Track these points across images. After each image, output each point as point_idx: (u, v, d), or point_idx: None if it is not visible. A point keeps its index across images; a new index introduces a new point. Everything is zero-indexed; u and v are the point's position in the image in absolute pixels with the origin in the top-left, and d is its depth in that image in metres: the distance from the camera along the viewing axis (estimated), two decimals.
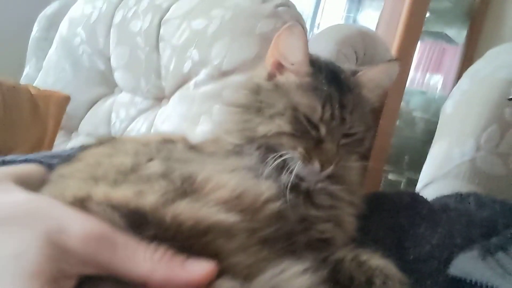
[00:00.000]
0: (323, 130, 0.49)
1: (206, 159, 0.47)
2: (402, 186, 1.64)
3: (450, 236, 0.51)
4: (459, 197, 0.60)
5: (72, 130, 1.38)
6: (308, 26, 2.27)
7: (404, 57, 1.38)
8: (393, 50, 1.38)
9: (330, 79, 0.51)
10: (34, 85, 1.43)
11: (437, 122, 1.79)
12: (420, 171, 1.77)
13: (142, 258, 0.31)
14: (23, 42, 1.55)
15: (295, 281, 0.34)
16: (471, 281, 0.44)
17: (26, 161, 0.48)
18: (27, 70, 1.53)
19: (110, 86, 1.35)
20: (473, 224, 0.53)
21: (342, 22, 2.39)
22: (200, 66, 1.06)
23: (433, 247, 0.51)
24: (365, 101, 0.54)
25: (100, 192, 0.35)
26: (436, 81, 2.30)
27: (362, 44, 0.93)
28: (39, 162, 0.48)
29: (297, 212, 0.46)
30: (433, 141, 0.74)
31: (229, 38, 1.01)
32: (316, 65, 0.52)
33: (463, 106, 0.69)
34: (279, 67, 0.53)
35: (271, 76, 0.53)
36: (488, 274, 0.44)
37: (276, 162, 0.47)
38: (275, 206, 0.41)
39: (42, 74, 1.45)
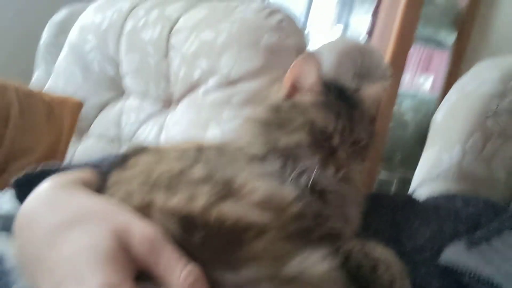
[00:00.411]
0: (336, 140, 0.58)
1: (238, 164, 0.55)
2: (394, 184, 1.73)
3: (441, 231, 0.60)
4: (447, 198, 0.69)
5: (82, 132, 1.44)
6: None
7: (398, 63, 1.48)
8: (387, 55, 1.47)
9: (339, 97, 0.60)
10: (45, 89, 1.50)
11: (427, 124, 1.88)
12: (411, 170, 1.87)
13: (178, 274, 0.38)
14: (32, 48, 1.62)
15: (318, 265, 0.42)
16: (458, 269, 0.52)
17: (78, 167, 0.56)
18: (37, 74, 1.59)
19: (119, 91, 1.42)
20: (460, 220, 0.62)
21: (333, 24, 2.44)
22: (209, 74, 1.13)
23: (426, 240, 0.59)
24: (367, 113, 0.63)
25: (160, 199, 0.43)
26: (426, 83, 2.39)
27: (360, 58, 1.01)
28: (92, 167, 0.56)
29: (313, 210, 0.54)
30: (425, 147, 0.83)
31: (236, 49, 1.09)
32: (327, 85, 0.61)
33: (451, 116, 0.78)
34: (295, 89, 0.61)
35: (288, 97, 0.61)
36: (472, 263, 0.53)
37: (298, 170, 0.55)
38: (297, 206, 0.49)
39: (53, 78, 1.51)
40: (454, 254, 0.55)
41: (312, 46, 1.16)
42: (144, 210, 0.43)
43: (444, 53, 2.13)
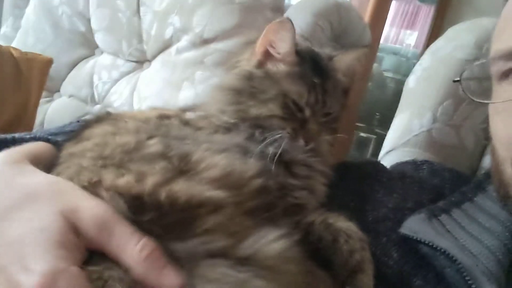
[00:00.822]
0: (307, 112, 0.57)
1: (199, 136, 0.53)
2: (372, 143, 1.74)
3: (404, 201, 0.60)
4: (415, 165, 0.69)
5: (53, 91, 1.40)
6: None
7: (378, 18, 1.44)
8: (368, 9, 1.43)
9: (313, 67, 0.59)
10: (12, 45, 1.43)
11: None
12: (389, 128, 1.87)
13: (131, 250, 0.37)
14: None
15: (272, 245, 0.42)
16: (416, 238, 0.53)
17: (34, 138, 0.54)
18: (3, 29, 1.52)
19: (91, 47, 1.37)
20: (424, 191, 0.62)
21: None
22: (182, 32, 1.09)
23: (389, 210, 0.59)
24: (340, 83, 0.62)
25: (109, 178, 0.42)
26: (409, 39, 2.36)
27: (338, 16, 0.98)
28: (47, 140, 0.54)
29: (277, 180, 0.54)
30: (397, 112, 0.82)
31: (210, 6, 1.04)
32: (301, 55, 0.59)
33: (423, 82, 0.77)
34: (268, 56, 0.59)
35: (261, 64, 0.60)
36: (431, 233, 0.53)
37: (268, 140, 0.54)
38: (258, 182, 0.48)
39: (21, 34, 1.44)
40: (415, 224, 0.55)
41: (288, 4, 1.12)
42: (92, 188, 0.41)
43: (429, 8, 2.09)
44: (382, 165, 0.68)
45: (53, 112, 1.36)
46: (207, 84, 1.03)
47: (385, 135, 1.86)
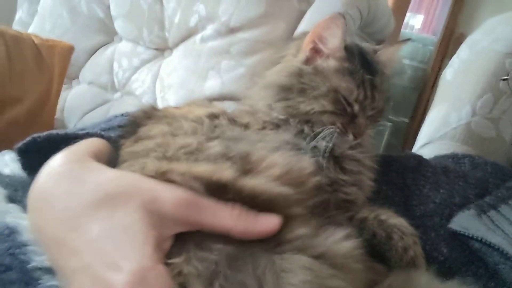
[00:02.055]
0: (356, 108, 0.58)
1: (250, 135, 0.54)
2: (387, 130, 1.74)
3: (450, 196, 0.61)
4: (456, 158, 0.69)
5: (72, 78, 1.39)
6: None
7: (401, 3, 1.43)
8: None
9: (362, 63, 0.59)
10: (29, 31, 1.42)
11: (423, 69, 1.86)
12: (405, 116, 1.87)
13: (225, 215, 0.39)
14: None
15: (341, 244, 0.42)
16: (468, 234, 0.54)
17: (88, 135, 0.53)
18: (19, 14, 1.50)
19: (110, 34, 1.36)
20: (469, 185, 0.62)
21: None
22: (207, 21, 1.08)
23: (436, 205, 0.60)
24: (386, 78, 0.62)
25: (181, 167, 0.42)
26: (416, 22, 2.35)
27: (367, 5, 0.97)
28: (101, 136, 0.53)
29: (329, 176, 0.54)
30: (432, 105, 0.82)
31: None
32: (349, 50, 0.59)
33: (461, 75, 0.77)
34: (316, 52, 0.59)
35: (309, 60, 0.59)
36: (482, 229, 0.54)
37: (321, 135, 0.55)
38: (316, 179, 0.48)
39: (38, 20, 1.43)
40: (464, 220, 0.56)
41: None
42: (162, 176, 0.42)
43: None
44: (424, 159, 0.68)
45: (73, 98, 1.36)
46: (235, 72, 1.03)
47: (401, 122, 1.86)
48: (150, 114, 0.57)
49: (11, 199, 0.55)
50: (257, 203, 0.41)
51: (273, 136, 0.54)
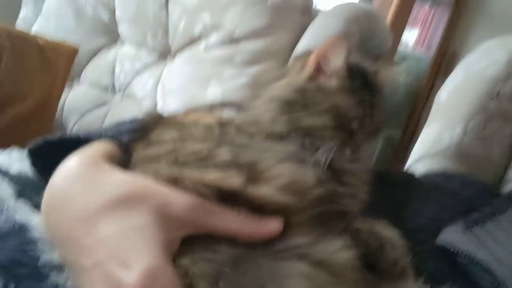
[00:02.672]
0: (355, 125, 0.61)
1: (257, 144, 0.56)
2: (380, 143, 1.78)
3: (439, 212, 0.64)
4: (446, 176, 0.72)
5: (73, 78, 1.40)
6: None
7: (399, 21, 1.47)
8: (390, 12, 1.46)
9: (363, 83, 0.62)
10: (33, 29, 1.44)
11: (416, 85, 1.89)
12: (397, 129, 1.89)
13: (232, 219, 0.43)
14: None
15: (341, 253, 0.45)
16: (454, 249, 0.57)
17: (100, 137, 0.54)
18: (24, 13, 1.51)
19: (113, 37, 1.38)
20: (457, 202, 0.66)
21: None
22: (212, 29, 1.11)
23: (427, 220, 0.63)
24: (385, 98, 0.65)
25: (193, 174, 0.45)
26: (410, 38, 2.39)
27: (367, 24, 1.01)
28: (112, 139, 0.55)
29: (327, 188, 0.57)
30: (426, 123, 0.86)
31: (242, 5, 1.06)
32: (351, 70, 0.62)
33: (455, 96, 0.80)
34: (320, 70, 0.62)
35: (313, 78, 0.62)
36: (468, 245, 0.57)
37: (321, 149, 0.57)
38: (317, 191, 0.51)
39: (42, 20, 1.44)
40: (451, 235, 0.59)
41: (316, 7, 1.14)
42: (173, 183, 0.44)
43: (432, 8, 2.12)
44: (415, 177, 0.71)
45: (73, 99, 1.37)
46: (237, 81, 1.06)
47: (393, 135, 1.89)
48: (158, 120, 0.59)
49: (20, 197, 0.57)
50: (263, 210, 0.44)
51: (278, 147, 0.57)
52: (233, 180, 0.45)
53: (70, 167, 0.45)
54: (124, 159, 0.51)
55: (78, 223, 0.41)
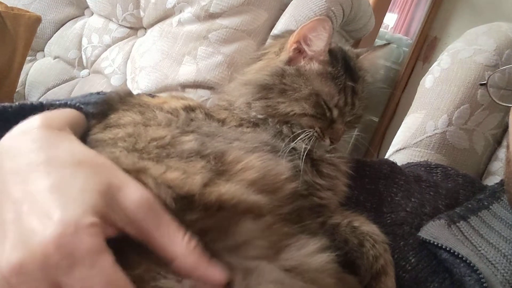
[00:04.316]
0: (336, 113, 0.57)
1: (228, 132, 0.51)
2: (357, 128, 1.75)
3: (421, 205, 0.61)
4: (429, 168, 0.69)
5: (37, 50, 1.32)
6: None
7: (380, 6, 1.42)
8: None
9: (345, 69, 0.58)
10: None
11: (395, 70, 1.87)
12: (375, 115, 1.87)
13: (180, 240, 0.35)
14: None
15: (314, 258, 0.41)
16: (437, 244, 0.53)
17: (66, 105, 0.49)
18: None
19: (80, 7, 1.29)
20: (439, 195, 0.63)
21: None
22: (186, 3, 1.04)
23: (407, 214, 0.60)
24: (367, 85, 0.61)
25: (155, 170, 0.39)
26: (389, 22, 2.37)
27: (350, 4, 0.96)
28: (79, 108, 0.49)
29: (305, 179, 0.53)
30: (409, 110, 0.82)
31: None
32: (333, 54, 0.57)
33: (441, 84, 0.76)
34: (300, 53, 0.57)
35: (292, 61, 0.57)
36: (451, 239, 0.54)
37: (299, 137, 0.53)
38: (292, 185, 0.47)
39: None
40: (435, 230, 0.56)
41: None
42: (136, 174, 0.39)
43: None
44: (397, 166, 0.68)
45: (37, 72, 1.28)
46: (212, 60, 0.99)
47: (370, 121, 1.87)
48: (124, 99, 0.53)
49: None
50: (224, 212, 0.39)
51: (251, 136, 0.52)
52: (196, 177, 0.39)
53: (30, 127, 0.40)
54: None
55: (12, 175, 0.35)
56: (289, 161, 0.51)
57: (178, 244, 0.35)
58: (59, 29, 1.30)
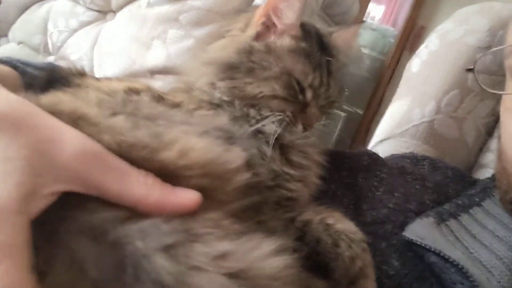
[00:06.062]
0: (309, 95, 0.51)
1: (175, 115, 0.44)
2: (340, 121, 1.68)
3: (406, 201, 0.54)
4: (415, 160, 0.62)
5: (0, 35, 1.24)
6: None
7: None
8: None
9: (319, 45, 0.52)
10: None
11: (381, 60, 1.81)
12: (359, 107, 1.82)
13: (136, 181, 0.31)
14: None
15: (268, 261, 0.33)
16: (424, 245, 0.47)
17: (1, 61, 0.45)
18: None
19: None
20: (426, 190, 0.56)
21: None
22: None
23: (390, 211, 0.53)
24: (342, 65, 0.55)
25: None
26: (376, 13, 2.33)
27: None
28: (14, 66, 0.44)
29: (272, 168, 0.46)
30: (394, 97, 0.75)
31: None
32: (306, 29, 0.52)
33: (429, 67, 0.70)
34: (269, 27, 0.51)
35: (260, 36, 0.51)
36: (440, 240, 0.47)
37: (269, 118, 0.47)
38: (245, 176, 0.39)
39: None
40: (421, 229, 0.49)
41: None
42: (74, 121, 0.33)
43: None
44: (379, 157, 0.61)
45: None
46: (183, 44, 0.92)
47: (355, 113, 1.81)
48: (69, 78, 0.48)
49: None
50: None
51: (203, 120, 0.45)
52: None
53: None
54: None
55: None
56: (251, 147, 0.44)
57: (137, 185, 0.31)
58: (23, 13, 1.22)
